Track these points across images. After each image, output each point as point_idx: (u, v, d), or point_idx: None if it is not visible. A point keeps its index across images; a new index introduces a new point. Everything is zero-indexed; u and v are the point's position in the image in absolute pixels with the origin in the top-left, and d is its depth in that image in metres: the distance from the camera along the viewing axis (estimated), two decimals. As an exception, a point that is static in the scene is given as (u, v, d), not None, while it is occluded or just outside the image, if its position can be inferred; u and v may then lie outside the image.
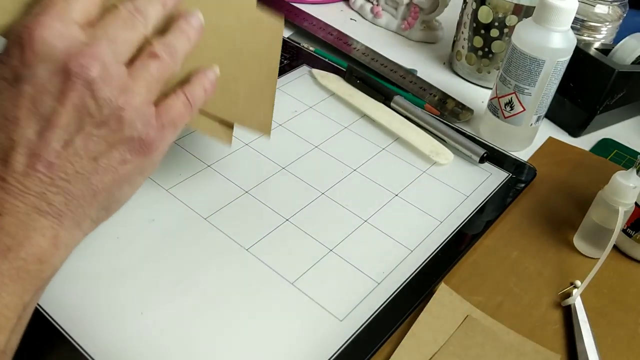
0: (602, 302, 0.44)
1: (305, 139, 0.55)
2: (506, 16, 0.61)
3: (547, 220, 0.50)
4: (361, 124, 0.58)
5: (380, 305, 0.40)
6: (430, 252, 0.45)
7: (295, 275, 0.42)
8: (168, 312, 0.38)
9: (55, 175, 0.30)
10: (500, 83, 0.54)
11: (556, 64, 0.50)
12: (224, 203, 0.47)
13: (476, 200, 0.50)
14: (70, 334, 0.36)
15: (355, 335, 0.38)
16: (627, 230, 0.47)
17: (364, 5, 0.80)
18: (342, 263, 0.43)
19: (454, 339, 0.39)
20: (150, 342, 0.37)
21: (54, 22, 0.30)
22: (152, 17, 0.33)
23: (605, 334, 0.41)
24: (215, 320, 0.38)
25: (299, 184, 0.49)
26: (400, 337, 0.39)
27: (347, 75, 0.62)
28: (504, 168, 0.54)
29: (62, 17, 0.30)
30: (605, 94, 0.57)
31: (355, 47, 0.70)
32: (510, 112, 0.55)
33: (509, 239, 0.48)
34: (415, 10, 0.74)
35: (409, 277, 0.43)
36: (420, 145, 0.54)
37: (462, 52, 0.68)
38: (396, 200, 0.49)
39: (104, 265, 0.41)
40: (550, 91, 0.53)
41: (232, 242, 0.44)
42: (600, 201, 0.45)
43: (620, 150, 0.60)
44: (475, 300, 0.42)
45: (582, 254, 0.47)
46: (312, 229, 0.45)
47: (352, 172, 0.51)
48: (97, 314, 0.38)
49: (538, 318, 0.42)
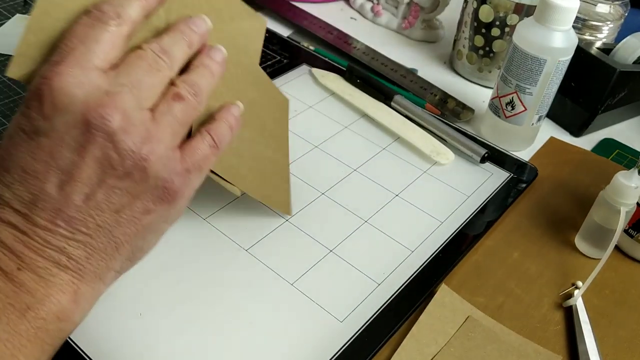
0: (604, 303, 0.43)
1: (305, 138, 0.54)
2: (507, 15, 0.61)
3: (548, 220, 0.50)
4: (361, 123, 0.57)
5: (380, 306, 0.40)
6: (431, 252, 0.45)
7: (296, 276, 0.42)
8: (167, 313, 0.38)
9: (76, 229, 0.29)
10: (502, 82, 0.54)
11: (557, 63, 0.50)
12: (224, 204, 0.46)
13: (477, 201, 0.50)
14: (70, 334, 0.36)
15: (356, 336, 0.38)
16: (629, 230, 0.46)
17: (364, 4, 0.79)
18: (342, 264, 0.43)
19: (454, 340, 0.39)
20: (150, 343, 0.36)
21: (74, 69, 0.28)
22: (178, 59, 0.32)
23: (607, 334, 0.41)
24: (214, 321, 0.38)
25: (298, 184, 0.49)
26: (401, 338, 0.39)
27: (347, 75, 0.62)
28: (505, 168, 0.54)
29: (82, 63, 0.29)
30: (606, 93, 0.57)
31: (355, 46, 0.70)
32: (512, 112, 0.54)
33: (510, 239, 0.48)
34: (416, 9, 0.73)
35: (409, 277, 0.42)
36: (420, 145, 0.54)
37: (463, 52, 0.67)
38: (397, 200, 0.49)
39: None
40: (551, 91, 0.53)
41: (232, 242, 0.43)
42: (602, 201, 0.45)
43: (621, 150, 0.60)
44: (476, 301, 0.42)
45: (583, 254, 0.47)
46: (312, 230, 0.45)
47: (352, 172, 0.51)
48: (97, 315, 0.37)
49: (539, 319, 0.42)
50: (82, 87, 0.28)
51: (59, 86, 0.28)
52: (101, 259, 0.30)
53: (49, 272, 0.29)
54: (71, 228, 0.29)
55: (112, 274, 0.32)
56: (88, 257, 0.30)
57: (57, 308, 0.29)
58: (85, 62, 0.29)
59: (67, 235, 0.29)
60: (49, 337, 0.29)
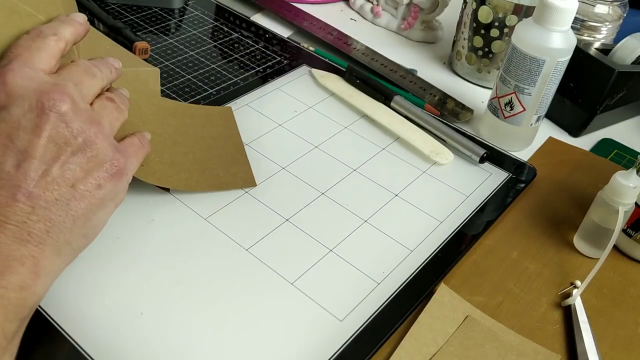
0: (602, 302, 0.44)
1: (305, 139, 0.55)
2: (506, 16, 0.61)
3: (547, 220, 0.50)
4: (361, 124, 0.58)
5: (380, 305, 0.40)
6: (430, 252, 0.45)
7: (296, 276, 0.42)
8: (168, 313, 0.38)
9: (35, 203, 0.32)
10: (500, 83, 0.54)
11: (556, 64, 0.50)
12: (224, 203, 0.47)
13: (476, 200, 0.50)
14: (70, 334, 0.36)
15: (355, 335, 0.38)
16: (627, 230, 0.47)
17: (364, 5, 0.80)
18: (342, 263, 0.43)
19: (454, 339, 0.39)
20: (150, 342, 0.36)
21: (23, 68, 0.33)
22: (106, 74, 0.38)
23: (606, 334, 0.41)
24: (215, 320, 0.38)
25: (298, 184, 0.49)
26: (400, 338, 0.39)
27: (347, 75, 0.62)
28: (504, 168, 0.54)
29: (29, 64, 0.33)
30: (605, 94, 0.57)
31: (355, 47, 0.70)
32: (510, 112, 0.55)
33: (509, 239, 0.48)
34: (415, 10, 0.74)
35: (408, 277, 0.43)
36: (420, 145, 0.54)
37: (462, 52, 0.67)
38: (396, 200, 0.49)
39: (103, 265, 0.41)
40: (550, 91, 0.53)
41: (232, 242, 0.44)
42: (601, 201, 0.45)
43: (620, 150, 0.60)
44: (475, 300, 0.42)
45: (582, 254, 0.47)
46: (312, 229, 0.45)
47: (352, 172, 0.51)
48: (97, 314, 0.38)
49: (538, 318, 0.42)
50: (33, 80, 0.33)
51: (12, 80, 0.32)
52: (60, 232, 0.33)
53: (10, 247, 0.31)
54: (31, 202, 0.32)
55: (69, 250, 0.34)
56: (47, 230, 0.32)
57: (17, 278, 0.31)
58: (32, 64, 0.33)
59: (27, 210, 0.32)
60: (11, 305, 0.30)
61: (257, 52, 0.67)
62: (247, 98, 0.59)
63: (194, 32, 0.69)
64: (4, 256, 0.31)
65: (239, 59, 0.65)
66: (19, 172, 0.32)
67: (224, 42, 0.68)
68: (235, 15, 0.73)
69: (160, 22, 0.70)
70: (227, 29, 0.71)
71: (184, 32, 0.69)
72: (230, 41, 0.68)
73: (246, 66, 0.64)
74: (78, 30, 0.37)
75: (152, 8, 0.72)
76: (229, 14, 0.74)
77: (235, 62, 0.64)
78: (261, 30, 0.71)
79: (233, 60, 0.65)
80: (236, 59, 0.65)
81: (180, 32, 0.69)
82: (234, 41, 0.68)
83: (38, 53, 0.34)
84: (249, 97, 0.59)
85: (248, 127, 0.54)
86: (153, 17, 0.70)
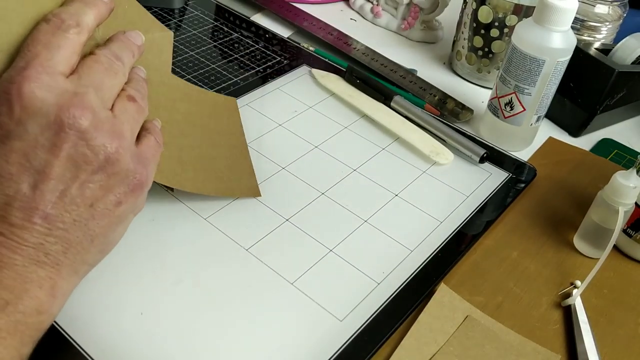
0: (602, 302, 0.44)
1: (305, 139, 0.55)
2: (506, 16, 0.61)
3: (547, 220, 0.50)
4: (361, 124, 0.58)
5: (380, 305, 0.40)
6: (430, 252, 0.45)
7: (295, 275, 0.42)
8: (168, 312, 0.38)
9: (52, 225, 0.31)
10: (500, 83, 0.54)
11: (556, 64, 0.50)
12: (224, 203, 0.47)
13: (476, 200, 0.50)
14: (70, 334, 0.36)
15: (355, 335, 0.38)
16: (627, 230, 0.47)
17: (363, 5, 0.80)
18: (342, 263, 0.43)
19: (453, 339, 0.39)
20: (151, 342, 0.37)
21: (41, 75, 0.30)
22: (127, 65, 0.35)
23: (606, 334, 0.41)
24: (215, 320, 0.38)
25: (298, 184, 0.49)
26: (400, 338, 0.39)
27: (347, 75, 0.62)
28: (504, 168, 0.54)
29: (47, 68, 0.30)
30: (605, 94, 0.57)
31: (355, 47, 0.70)
32: (510, 112, 0.55)
33: (509, 239, 0.48)
34: (415, 10, 0.74)
35: (408, 277, 0.43)
36: (420, 145, 0.54)
37: (462, 52, 0.67)
38: (396, 200, 0.49)
39: (103, 265, 0.40)
40: (550, 91, 0.53)
41: (232, 242, 0.44)
42: (601, 201, 0.45)
43: (620, 150, 0.60)
44: (475, 300, 0.42)
45: (582, 254, 0.47)
46: (312, 229, 0.45)
47: (352, 172, 0.51)
48: (97, 314, 0.38)
49: (538, 318, 0.42)
50: (52, 90, 0.30)
51: (29, 91, 0.29)
52: (77, 253, 0.32)
53: (27, 269, 0.30)
54: (48, 224, 0.30)
55: (86, 267, 0.34)
56: (65, 251, 0.31)
57: (35, 302, 0.30)
58: (51, 68, 0.30)
59: (44, 232, 0.30)
60: (28, 329, 0.30)
61: (257, 52, 0.67)
62: (247, 98, 0.59)
63: (194, 32, 0.69)
64: (20, 279, 0.30)
65: (239, 59, 0.65)
66: (36, 194, 0.30)
67: (224, 42, 0.68)
68: (235, 15, 0.73)
69: (160, 22, 0.70)
70: (227, 29, 0.71)
71: (184, 32, 0.69)
72: (230, 41, 0.68)
73: (246, 66, 0.64)
74: (102, 12, 0.34)
75: (152, 8, 0.72)
76: (229, 14, 0.74)
77: (235, 62, 0.64)
78: (261, 30, 0.71)
79: (233, 60, 0.65)
80: (236, 59, 0.65)
81: (180, 32, 0.69)
82: (234, 41, 0.68)
83: (58, 52, 0.31)
84: (249, 97, 0.59)
85: (248, 127, 0.54)
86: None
